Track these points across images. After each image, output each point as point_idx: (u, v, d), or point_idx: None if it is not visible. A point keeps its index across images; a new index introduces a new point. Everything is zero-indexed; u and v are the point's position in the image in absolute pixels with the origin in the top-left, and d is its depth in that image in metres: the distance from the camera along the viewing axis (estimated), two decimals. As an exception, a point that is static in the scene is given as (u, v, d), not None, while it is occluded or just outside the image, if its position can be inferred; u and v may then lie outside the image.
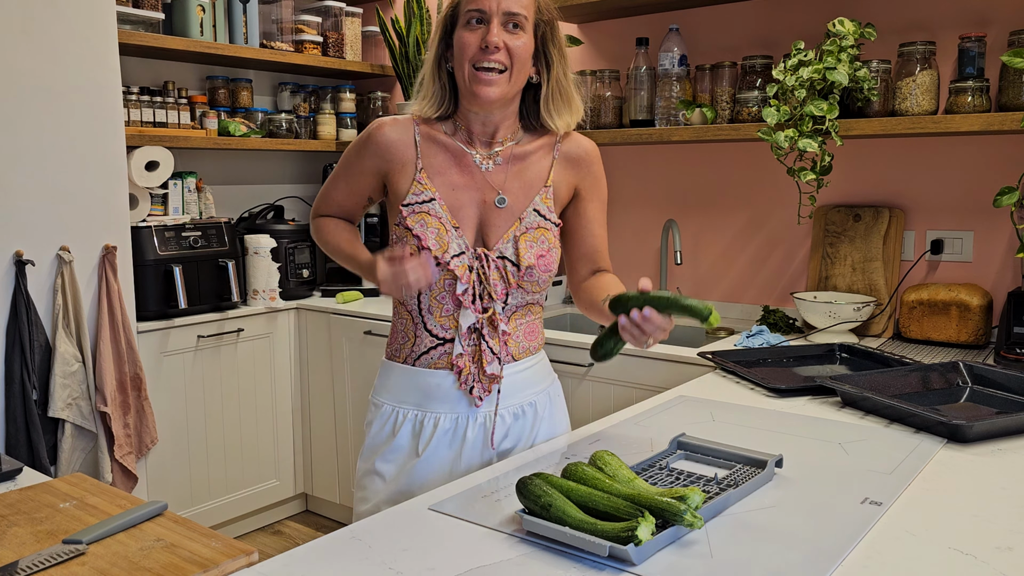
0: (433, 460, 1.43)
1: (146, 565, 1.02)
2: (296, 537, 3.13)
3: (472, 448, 1.43)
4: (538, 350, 1.52)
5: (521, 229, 1.41)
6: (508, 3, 1.35)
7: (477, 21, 1.36)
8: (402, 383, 1.45)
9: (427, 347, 1.43)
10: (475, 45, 1.35)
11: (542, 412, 1.50)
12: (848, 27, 2.19)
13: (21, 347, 2.34)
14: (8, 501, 1.22)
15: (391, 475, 1.45)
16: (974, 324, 2.22)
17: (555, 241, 1.44)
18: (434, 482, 1.41)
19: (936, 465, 1.34)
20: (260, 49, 3.21)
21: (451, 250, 1.38)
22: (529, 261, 1.39)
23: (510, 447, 1.47)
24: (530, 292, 1.43)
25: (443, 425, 1.42)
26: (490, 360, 1.41)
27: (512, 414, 1.46)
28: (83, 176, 2.48)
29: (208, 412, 2.93)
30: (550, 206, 1.44)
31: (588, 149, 1.50)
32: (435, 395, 1.43)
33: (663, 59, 2.63)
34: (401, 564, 1.01)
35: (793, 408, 1.69)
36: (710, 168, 2.82)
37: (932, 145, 2.42)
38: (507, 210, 1.42)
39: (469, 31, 1.36)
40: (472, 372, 1.41)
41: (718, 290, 2.85)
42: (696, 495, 1.04)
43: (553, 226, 1.44)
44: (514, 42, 1.36)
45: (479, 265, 1.39)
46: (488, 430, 1.43)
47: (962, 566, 1.00)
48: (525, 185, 1.44)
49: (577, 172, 1.49)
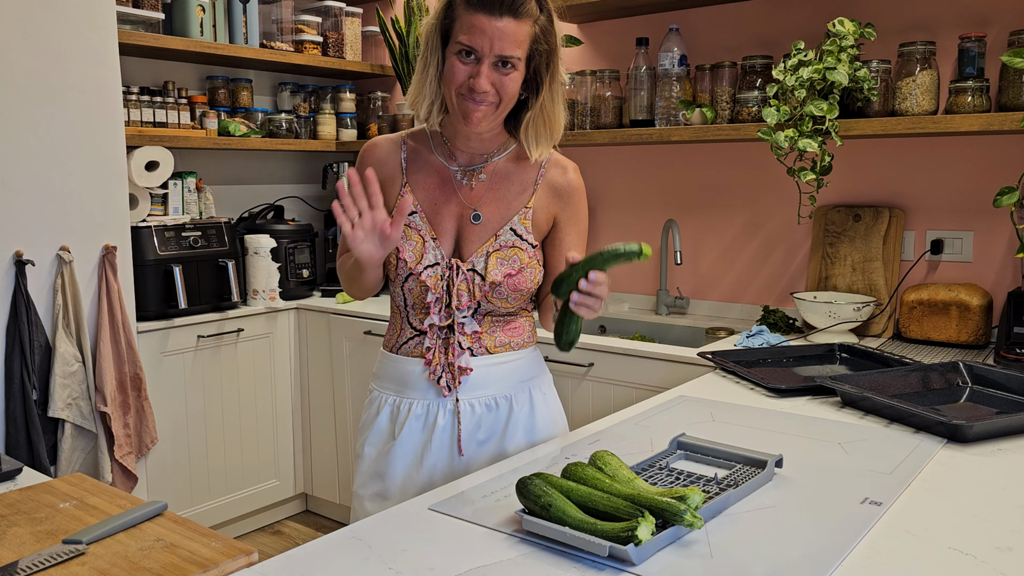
0: (407, 443, 1.48)
1: (146, 565, 1.02)
2: (296, 537, 3.13)
3: (442, 434, 1.47)
4: (523, 347, 1.53)
5: (495, 246, 1.44)
6: (502, 46, 1.32)
7: (467, 54, 1.34)
8: (386, 369, 1.53)
9: (407, 337, 1.50)
10: (463, 77, 1.34)
11: (519, 408, 1.50)
12: (848, 27, 2.19)
13: (21, 347, 2.34)
14: (8, 501, 1.22)
15: (372, 457, 1.52)
16: (974, 324, 2.22)
17: (530, 261, 1.45)
18: (406, 465, 1.48)
19: (936, 465, 1.34)
20: (260, 49, 3.21)
21: (425, 261, 1.43)
22: (495, 278, 1.42)
23: (484, 438, 1.49)
24: (496, 306, 1.46)
25: (415, 411, 1.48)
26: (459, 353, 1.45)
27: (484, 405, 1.48)
28: (83, 176, 2.48)
29: (208, 412, 2.94)
30: (528, 227, 1.46)
31: (573, 182, 1.50)
32: (409, 382, 1.49)
33: (663, 59, 2.63)
34: (401, 564, 1.01)
35: (793, 408, 1.69)
36: (710, 168, 2.82)
37: (932, 145, 2.42)
38: (482, 226, 1.45)
39: (460, 61, 1.34)
40: (440, 363, 1.46)
41: (718, 290, 2.85)
42: (696, 495, 1.04)
43: (529, 247, 1.45)
44: (504, 79, 1.35)
45: (449, 275, 1.43)
46: (451, 418, 1.48)
47: (962, 566, 1.00)
48: (504, 204, 1.46)
49: (559, 202, 1.49)
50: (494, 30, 1.31)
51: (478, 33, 1.31)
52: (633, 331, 2.86)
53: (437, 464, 1.48)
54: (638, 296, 3.02)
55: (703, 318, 2.81)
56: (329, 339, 3.08)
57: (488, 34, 1.31)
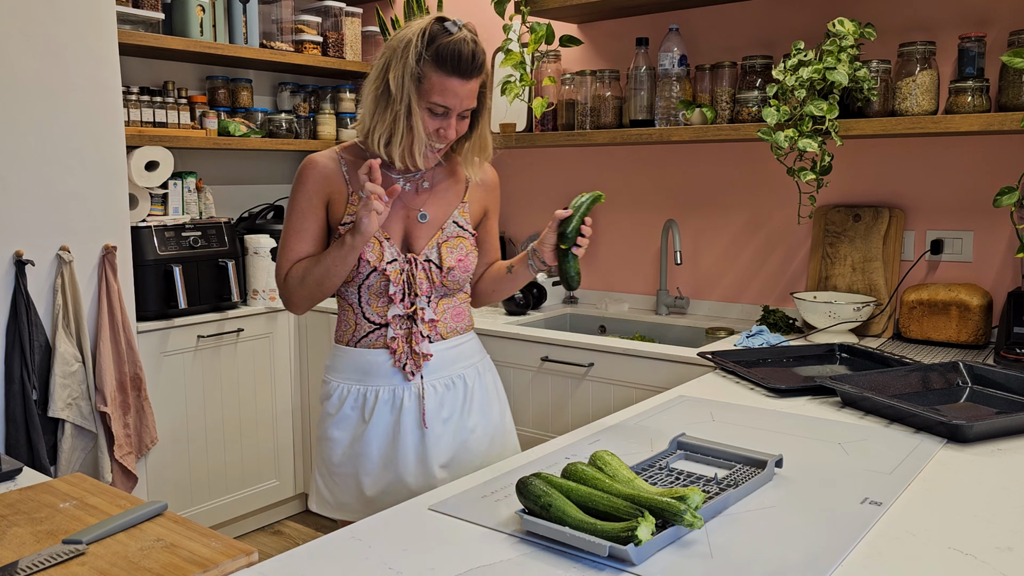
0: (379, 425, 1.65)
1: (146, 565, 1.02)
2: (296, 537, 3.13)
3: (409, 414, 1.65)
4: (466, 330, 1.75)
5: (443, 237, 1.66)
6: (469, 101, 1.56)
7: (440, 110, 1.54)
8: (346, 362, 1.68)
9: (366, 331, 1.66)
10: (432, 129, 1.56)
11: (471, 384, 1.72)
12: (848, 27, 2.19)
13: (21, 347, 2.34)
14: (8, 501, 1.22)
15: (346, 441, 1.68)
16: (974, 324, 2.22)
17: (471, 247, 1.70)
18: (381, 444, 1.65)
19: (936, 465, 1.34)
20: (260, 49, 3.21)
21: (386, 258, 1.61)
22: (450, 263, 1.65)
23: (447, 416, 1.68)
24: (451, 289, 1.68)
25: (383, 396, 1.65)
26: (420, 341, 1.64)
27: (444, 385, 1.68)
28: (83, 176, 2.48)
29: (208, 412, 2.94)
30: (467, 219, 1.71)
31: (493, 178, 1.79)
32: (373, 371, 1.66)
33: (663, 59, 2.63)
34: (401, 564, 1.01)
35: (793, 408, 1.69)
36: (710, 168, 2.83)
37: (932, 145, 2.42)
38: (429, 224, 1.67)
39: (431, 117, 1.55)
40: (404, 351, 1.64)
41: (718, 290, 2.85)
42: (696, 495, 1.04)
43: (470, 235, 1.70)
44: (462, 124, 1.59)
45: (408, 268, 1.63)
46: (421, 398, 1.66)
47: (962, 566, 1.00)
48: (444, 203, 1.69)
49: (487, 195, 1.77)
50: (465, 91, 1.54)
51: (451, 95, 1.52)
52: (633, 331, 2.86)
53: (407, 439, 1.65)
54: (638, 296, 3.02)
55: (703, 318, 2.81)
56: (329, 339, 3.09)
57: (460, 95, 1.53)
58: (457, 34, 1.51)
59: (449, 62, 1.49)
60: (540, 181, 3.24)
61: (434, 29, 1.51)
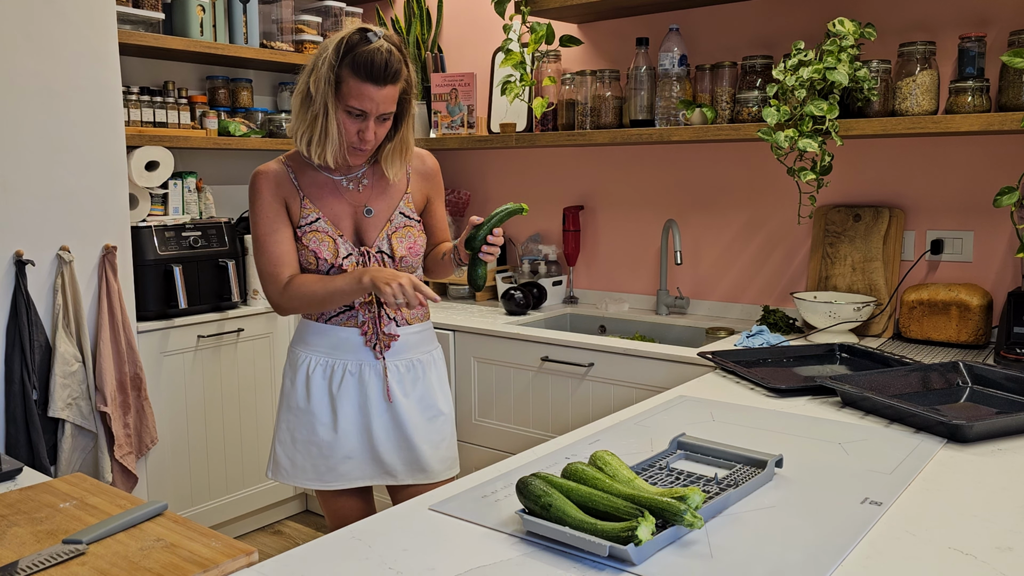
0: (346, 395, 1.81)
1: (146, 565, 1.02)
2: (296, 537, 3.14)
3: (374, 388, 1.82)
4: (426, 318, 1.91)
5: (392, 228, 1.81)
6: (385, 106, 1.68)
7: (357, 113, 1.67)
8: (317, 336, 1.83)
9: (335, 312, 1.82)
10: (354, 131, 1.69)
11: (428, 367, 1.88)
12: (848, 27, 2.19)
13: (21, 347, 2.34)
14: (8, 501, 1.22)
15: (312, 410, 1.82)
16: (974, 324, 2.22)
17: (419, 233, 1.85)
18: (352, 409, 1.81)
19: (936, 465, 1.35)
20: (260, 49, 3.21)
21: (342, 253, 1.76)
22: (402, 253, 1.81)
23: (407, 393, 1.84)
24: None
25: (350, 369, 1.81)
26: (387, 323, 1.82)
27: (405, 366, 1.84)
28: (83, 176, 2.48)
29: (208, 412, 2.94)
30: (412, 208, 1.86)
31: (433, 166, 1.93)
32: (343, 347, 1.81)
33: (663, 59, 2.63)
34: (401, 564, 1.01)
35: (793, 408, 1.69)
36: (710, 168, 2.83)
37: (932, 145, 2.42)
38: (375, 217, 1.81)
39: (349, 119, 1.68)
40: (374, 332, 1.81)
41: (718, 290, 2.85)
42: (696, 495, 1.04)
43: (415, 223, 1.86)
44: (381, 127, 1.71)
45: (363, 260, 1.78)
46: (382, 375, 1.82)
47: (962, 566, 1.00)
48: (388, 197, 1.84)
49: (428, 184, 1.91)
50: (380, 97, 1.66)
51: (367, 100, 1.66)
52: (633, 331, 2.86)
53: (374, 409, 1.81)
54: (638, 296, 3.02)
55: (703, 318, 2.81)
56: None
57: (375, 100, 1.66)
58: (375, 43, 1.65)
59: (363, 69, 1.63)
60: (540, 181, 3.24)
61: (354, 38, 1.66)
